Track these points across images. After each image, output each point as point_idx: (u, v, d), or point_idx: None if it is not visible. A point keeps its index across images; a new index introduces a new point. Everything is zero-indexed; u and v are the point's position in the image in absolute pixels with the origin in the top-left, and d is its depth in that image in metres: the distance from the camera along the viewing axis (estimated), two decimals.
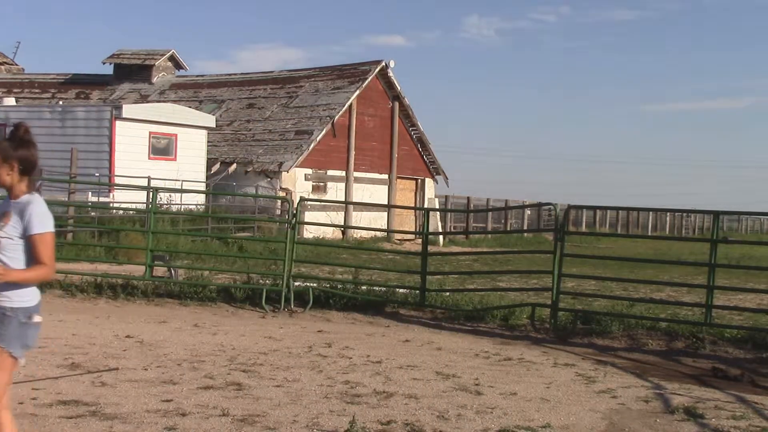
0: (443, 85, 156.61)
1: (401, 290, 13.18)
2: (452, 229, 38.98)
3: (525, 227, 42.63)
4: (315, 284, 13.18)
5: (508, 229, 40.87)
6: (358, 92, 32.43)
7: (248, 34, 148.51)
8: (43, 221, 4.37)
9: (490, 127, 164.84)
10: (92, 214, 21.89)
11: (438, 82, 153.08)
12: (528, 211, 44.72)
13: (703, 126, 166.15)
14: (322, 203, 29.56)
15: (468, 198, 41.41)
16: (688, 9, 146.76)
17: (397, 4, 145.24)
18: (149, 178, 22.44)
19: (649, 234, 50.78)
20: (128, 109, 25.96)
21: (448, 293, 13.01)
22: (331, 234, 29.78)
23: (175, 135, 27.15)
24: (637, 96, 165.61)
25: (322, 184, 31.66)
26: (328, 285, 13.25)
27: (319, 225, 20.46)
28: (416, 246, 22.22)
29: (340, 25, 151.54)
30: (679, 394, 7.78)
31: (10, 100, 29.74)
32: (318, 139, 30.86)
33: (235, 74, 38.26)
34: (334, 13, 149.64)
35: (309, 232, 28.03)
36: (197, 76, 38.93)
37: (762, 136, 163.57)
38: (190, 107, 31.31)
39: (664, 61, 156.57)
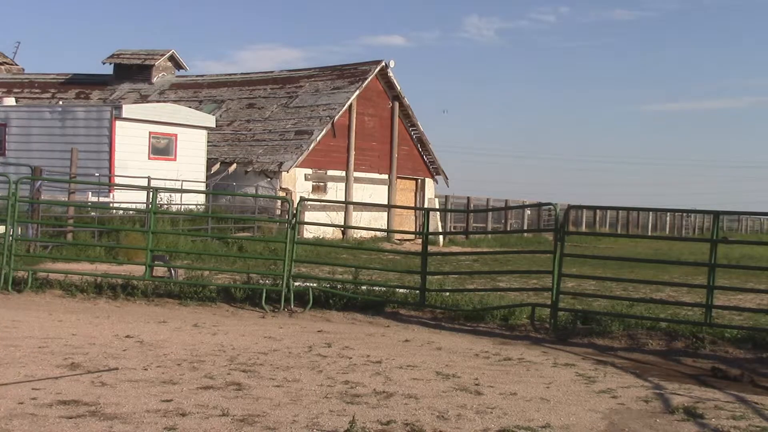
0: (443, 85, 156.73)
1: (401, 290, 13.17)
2: (452, 229, 38.97)
3: (525, 227, 42.61)
4: (315, 284, 13.17)
5: (508, 229, 40.87)
6: (358, 92, 32.43)
7: (246, 34, 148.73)
8: None
9: (490, 127, 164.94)
10: (92, 214, 21.91)
11: (438, 82, 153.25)
12: (528, 211, 44.71)
13: (703, 126, 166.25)
14: (322, 203, 29.56)
15: (468, 198, 41.41)
16: (688, 9, 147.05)
17: (396, 4, 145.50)
18: (149, 178, 22.45)
19: (649, 234, 50.80)
20: (128, 109, 25.96)
21: (448, 293, 13.00)
22: (331, 234, 29.78)
23: (175, 135, 27.16)
24: (637, 96, 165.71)
25: (322, 184, 31.66)
26: (328, 285, 13.25)
27: (319, 225, 20.47)
28: (416, 246, 22.22)
29: (338, 26, 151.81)
30: (679, 394, 7.79)
31: (10, 100, 29.74)
32: (318, 139, 30.86)
33: (235, 74, 38.26)
34: (332, 13, 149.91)
35: (309, 232, 28.03)
36: (197, 76, 38.93)
37: (762, 136, 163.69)
38: (190, 107, 31.32)
39: (665, 61, 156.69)
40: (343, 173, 32.48)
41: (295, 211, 12.80)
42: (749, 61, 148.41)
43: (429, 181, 37.19)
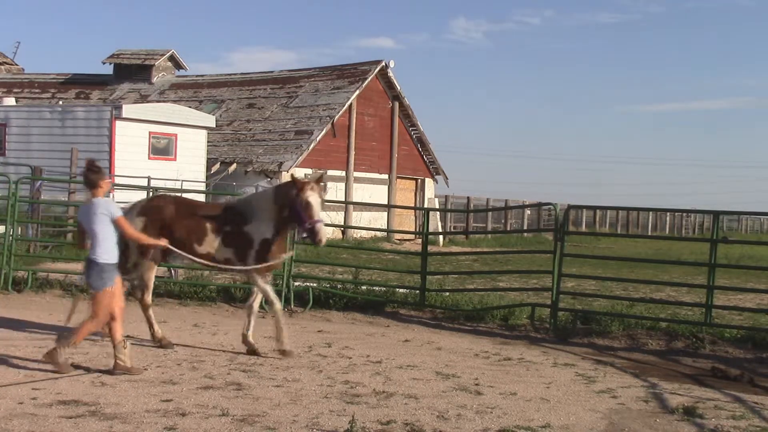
0: (436, 87, 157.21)
1: (401, 290, 13.17)
2: (452, 229, 38.94)
3: (525, 227, 42.57)
4: (315, 284, 13.17)
5: (508, 229, 40.84)
6: (358, 92, 32.41)
7: (240, 36, 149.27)
8: None
9: (489, 128, 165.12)
10: None
11: (430, 83, 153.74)
12: (528, 211, 44.67)
13: (702, 126, 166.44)
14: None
15: (468, 198, 41.38)
16: (671, 12, 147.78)
17: (384, 7, 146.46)
18: (149, 178, 22.42)
19: (649, 234, 50.73)
20: (128, 109, 25.93)
21: (448, 293, 13.00)
22: (331, 234, 29.77)
23: (175, 135, 27.12)
24: (636, 96, 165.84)
25: (322, 184, 31.61)
26: (328, 285, 13.25)
27: None
28: (416, 246, 22.21)
29: (329, 28, 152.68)
30: (679, 394, 7.79)
31: (10, 100, 29.71)
32: (318, 139, 30.84)
33: (235, 74, 38.23)
34: (323, 16, 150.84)
35: None
36: (197, 76, 38.90)
37: (762, 136, 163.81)
38: (190, 107, 31.28)
39: (664, 61, 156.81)
40: (343, 173, 32.46)
41: None
42: (751, 60, 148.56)
43: (429, 181, 37.17)
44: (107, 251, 7.42)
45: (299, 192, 8.56)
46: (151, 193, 14.42)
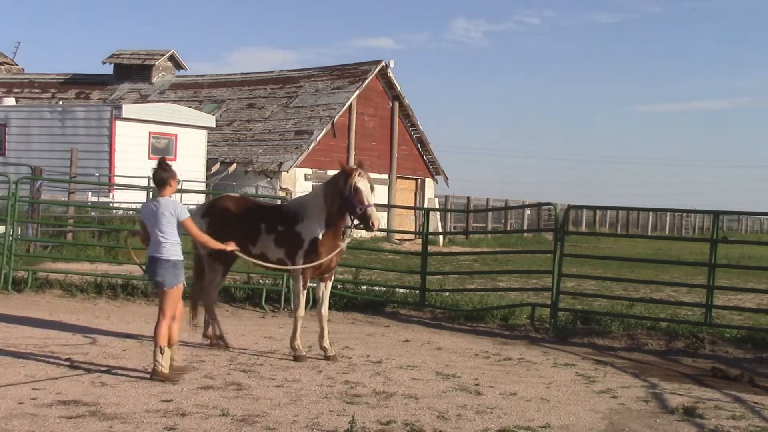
0: (436, 87, 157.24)
1: (401, 290, 13.17)
2: (452, 229, 38.93)
3: (525, 227, 42.55)
4: (315, 284, 13.13)
5: (508, 229, 40.83)
6: (358, 92, 32.42)
7: (240, 36, 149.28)
8: None
9: (489, 127, 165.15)
10: (92, 214, 21.89)
11: (430, 83, 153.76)
12: (528, 211, 44.66)
13: (702, 126, 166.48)
14: None
15: (468, 198, 41.37)
16: (669, 12, 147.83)
17: (384, 8, 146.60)
18: (149, 178, 22.42)
19: (649, 234, 50.71)
20: (128, 109, 25.96)
21: (448, 293, 13.00)
22: None
23: (175, 135, 27.14)
24: (636, 96, 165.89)
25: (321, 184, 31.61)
26: None
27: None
28: (416, 246, 22.21)
29: (328, 28, 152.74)
30: (679, 394, 7.79)
31: (10, 100, 29.73)
32: (318, 139, 30.86)
33: (235, 74, 38.23)
34: (323, 16, 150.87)
35: None
36: (197, 76, 38.90)
37: (762, 136, 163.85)
38: (190, 107, 31.30)
39: (663, 61, 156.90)
40: None
41: None
42: (751, 60, 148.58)
43: (429, 181, 37.17)
44: (176, 248, 7.38)
45: (347, 179, 8.44)
46: (151, 194, 14.41)
